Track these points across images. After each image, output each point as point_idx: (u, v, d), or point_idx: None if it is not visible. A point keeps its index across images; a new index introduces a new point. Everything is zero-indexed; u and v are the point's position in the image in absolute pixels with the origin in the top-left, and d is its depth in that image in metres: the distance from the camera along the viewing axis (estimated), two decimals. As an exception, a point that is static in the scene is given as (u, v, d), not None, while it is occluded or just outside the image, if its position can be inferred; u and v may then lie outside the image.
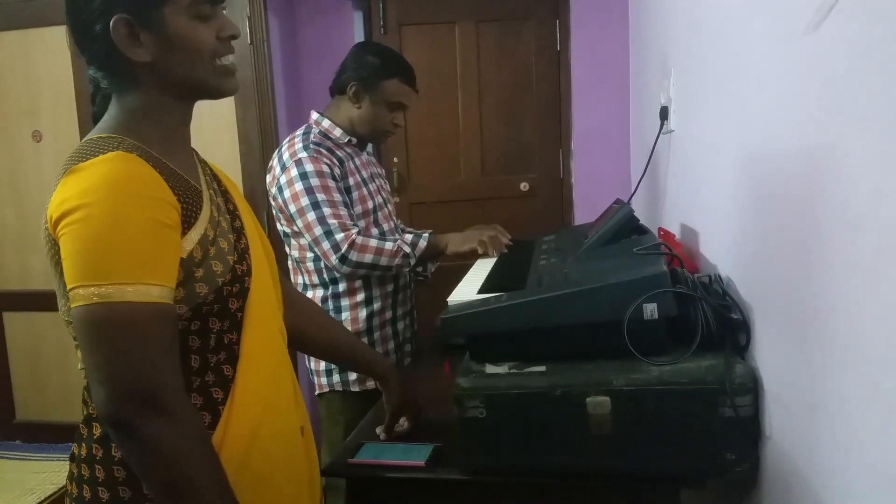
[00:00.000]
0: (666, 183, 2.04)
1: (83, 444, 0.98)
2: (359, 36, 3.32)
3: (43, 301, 3.29)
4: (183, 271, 0.92)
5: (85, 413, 0.98)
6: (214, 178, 1.10)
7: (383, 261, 1.80)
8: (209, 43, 0.98)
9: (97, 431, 0.96)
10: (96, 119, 1.03)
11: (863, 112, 0.74)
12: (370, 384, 1.81)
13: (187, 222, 0.94)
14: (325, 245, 1.77)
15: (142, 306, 0.86)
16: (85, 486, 0.96)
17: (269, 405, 1.03)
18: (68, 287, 0.87)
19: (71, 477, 0.99)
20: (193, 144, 1.10)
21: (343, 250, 1.76)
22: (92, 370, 0.87)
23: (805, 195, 0.92)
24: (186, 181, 0.97)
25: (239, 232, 1.04)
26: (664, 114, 1.94)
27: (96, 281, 0.85)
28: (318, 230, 1.77)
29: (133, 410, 0.85)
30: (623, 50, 3.17)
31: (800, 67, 0.93)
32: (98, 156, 0.89)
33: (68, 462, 1.01)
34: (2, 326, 3.40)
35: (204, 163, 1.11)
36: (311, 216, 1.77)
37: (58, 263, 0.90)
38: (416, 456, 1.29)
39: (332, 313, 1.88)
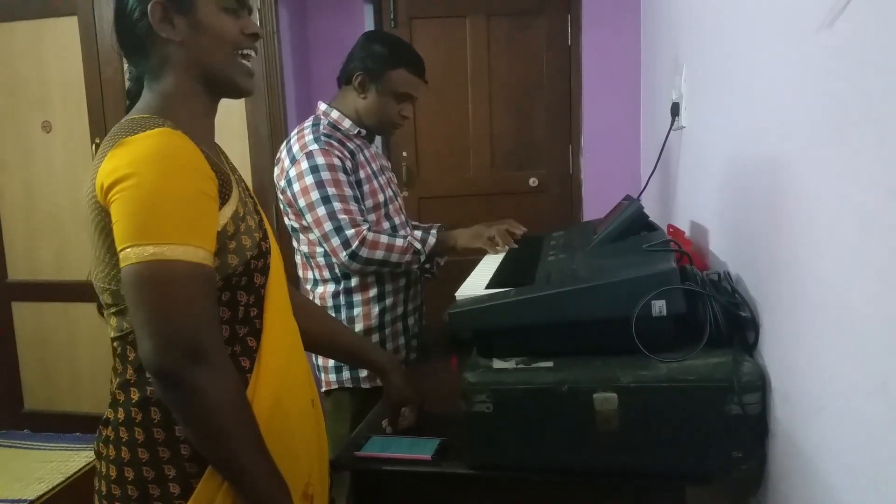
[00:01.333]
0: (676, 180, 2.03)
1: (120, 409, 1.02)
2: (369, 29, 3.32)
3: (51, 291, 3.32)
4: (217, 243, 0.99)
5: (119, 380, 1.03)
6: (234, 169, 1.17)
7: (394, 257, 1.78)
8: (232, 34, 1.08)
9: (135, 396, 1.01)
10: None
11: (875, 110, 0.74)
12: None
13: (222, 198, 1.01)
14: (335, 241, 1.75)
15: (191, 266, 0.93)
16: (123, 447, 1.01)
17: (287, 376, 1.11)
18: (119, 247, 0.93)
19: (107, 440, 1.04)
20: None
21: (353, 247, 1.74)
22: (141, 324, 0.92)
23: (815, 193, 0.91)
24: (217, 163, 1.04)
25: (261, 215, 1.13)
26: (675, 110, 1.93)
27: (150, 240, 0.91)
28: (328, 226, 1.75)
29: (180, 361, 0.91)
30: (634, 45, 3.16)
31: (812, 64, 0.92)
32: (145, 131, 0.96)
33: (100, 427, 1.06)
34: (10, 316, 3.42)
35: (225, 155, 1.18)
36: (322, 211, 1.75)
37: (102, 229, 0.97)
38: (422, 450, 1.30)
39: (343, 309, 1.87)
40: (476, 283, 1.44)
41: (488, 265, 1.67)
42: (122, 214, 0.92)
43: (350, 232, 1.74)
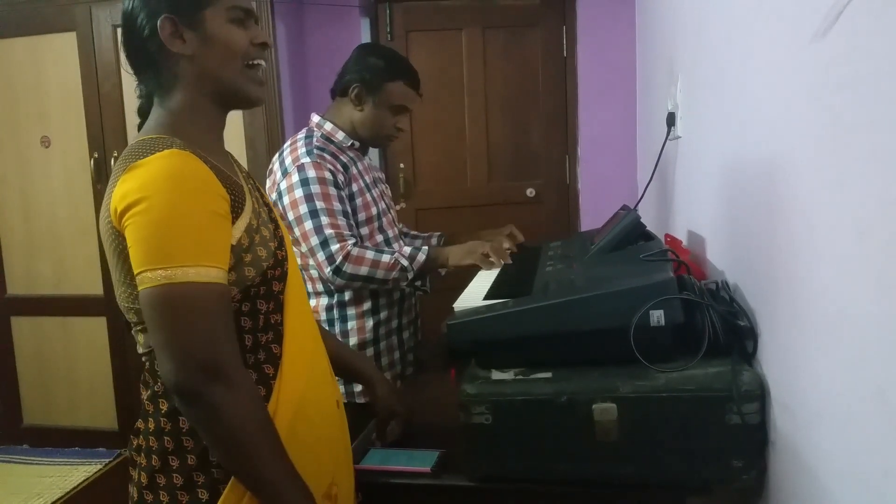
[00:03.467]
0: (673, 189, 2.03)
1: (150, 419, 1.06)
2: (366, 42, 3.33)
3: (50, 306, 3.32)
4: (233, 257, 1.01)
5: (149, 392, 1.07)
6: (249, 176, 1.20)
7: (379, 274, 1.75)
8: (242, 45, 1.10)
9: (164, 406, 1.04)
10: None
11: (871, 119, 0.74)
12: None
13: (235, 212, 1.03)
14: (321, 256, 1.73)
15: (203, 286, 0.95)
16: (154, 455, 1.04)
17: (310, 379, 1.13)
18: (135, 271, 0.96)
19: (138, 449, 1.08)
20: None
21: (337, 262, 1.72)
22: (160, 346, 0.95)
23: (812, 202, 0.91)
24: (229, 177, 1.06)
25: (276, 222, 1.14)
26: (671, 120, 1.94)
27: (162, 264, 0.94)
28: (314, 240, 1.73)
29: (199, 380, 0.94)
30: (630, 56, 3.17)
31: (807, 74, 0.93)
32: (155, 153, 0.98)
33: (132, 437, 1.11)
34: (9, 331, 3.41)
35: (238, 163, 1.19)
36: (309, 225, 1.73)
37: (120, 253, 1.00)
38: (421, 462, 1.29)
39: (337, 322, 1.85)
40: (474, 295, 1.45)
41: (486, 276, 1.67)
42: (135, 239, 0.95)
43: (335, 247, 1.72)
